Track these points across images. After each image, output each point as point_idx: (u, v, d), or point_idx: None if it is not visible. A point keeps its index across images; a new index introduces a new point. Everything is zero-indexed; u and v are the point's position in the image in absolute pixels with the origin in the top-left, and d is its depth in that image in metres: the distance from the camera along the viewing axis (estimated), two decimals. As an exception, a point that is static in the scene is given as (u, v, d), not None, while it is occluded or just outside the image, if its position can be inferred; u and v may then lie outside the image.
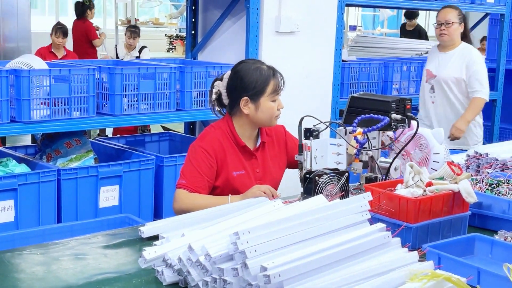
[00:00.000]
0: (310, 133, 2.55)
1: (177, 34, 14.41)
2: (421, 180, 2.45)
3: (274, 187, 3.01)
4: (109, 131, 8.24)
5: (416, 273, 1.72)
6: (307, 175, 2.49)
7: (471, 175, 2.85)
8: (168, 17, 13.28)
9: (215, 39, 5.20)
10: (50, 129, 4.07)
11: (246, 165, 2.94)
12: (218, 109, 3.02)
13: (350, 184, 2.65)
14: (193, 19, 5.32)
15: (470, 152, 3.20)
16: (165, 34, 14.72)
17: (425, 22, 19.91)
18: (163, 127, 6.62)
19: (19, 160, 4.22)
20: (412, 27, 10.51)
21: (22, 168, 4.06)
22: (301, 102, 4.84)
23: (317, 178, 2.46)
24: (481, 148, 3.19)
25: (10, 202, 3.82)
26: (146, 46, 8.54)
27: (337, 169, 2.56)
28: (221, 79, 2.97)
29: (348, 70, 5.62)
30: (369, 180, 2.71)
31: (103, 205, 4.23)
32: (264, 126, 2.98)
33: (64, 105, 4.04)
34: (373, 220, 2.06)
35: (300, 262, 1.69)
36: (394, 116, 2.76)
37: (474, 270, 1.94)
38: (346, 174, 2.55)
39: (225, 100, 2.96)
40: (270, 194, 2.65)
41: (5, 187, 3.79)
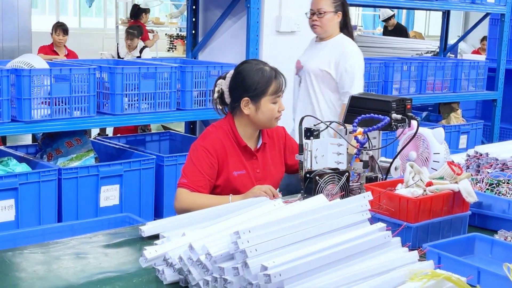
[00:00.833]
0: (311, 133, 2.56)
1: (178, 34, 14.40)
2: (421, 180, 2.46)
3: (274, 188, 3.01)
4: (110, 131, 8.24)
5: (416, 273, 1.73)
6: (308, 175, 2.49)
7: (471, 175, 2.85)
8: (169, 17, 13.27)
9: (216, 39, 5.21)
10: (51, 129, 4.08)
11: (247, 165, 2.94)
12: (220, 108, 3.02)
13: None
14: (194, 19, 5.33)
15: (471, 152, 3.20)
16: (166, 34, 14.72)
17: (425, 21, 19.93)
18: (164, 127, 6.62)
19: (20, 160, 4.23)
20: (393, 27, 10.62)
21: (23, 168, 4.06)
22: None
23: (318, 178, 2.46)
24: (481, 148, 3.19)
25: (11, 202, 3.83)
26: (147, 46, 8.55)
27: (338, 169, 2.57)
28: (224, 78, 2.98)
29: (349, 70, 5.61)
30: (370, 180, 2.71)
31: (104, 205, 4.24)
32: (264, 128, 2.98)
33: (65, 105, 4.04)
34: (373, 220, 2.07)
35: (301, 262, 1.70)
36: (395, 116, 2.76)
37: (474, 270, 1.94)
38: (347, 174, 2.55)
39: (227, 99, 2.96)
40: (271, 194, 2.66)
41: (6, 187, 3.79)
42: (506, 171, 2.93)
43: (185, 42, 5.70)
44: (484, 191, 2.73)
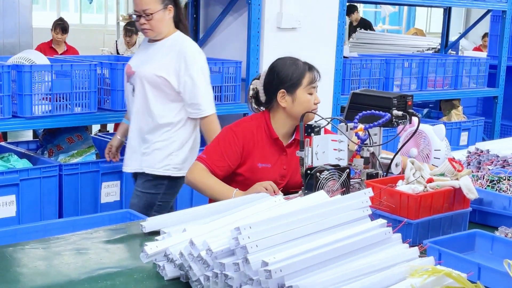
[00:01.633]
0: (312, 129, 2.56)
1: (179, 30, 14.37)
2: (422, 176, 2.46)
3: (296, 187, 3.02)
4: (111, 127, 8.24)
5: (417, 269, 1.73)
6: (308, 171, 2.49)
7: (472, 172, 2.85)
8: (170, 13, 13.25)
9: (217, 35, 5.20)
10: (52, 125, 4.08)
11: (274, 160, 2.97)
12: (255, 107, 3.08)
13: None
14: (195, 15, 5.32)
15: (471, 149, 3.20)
16: (167, 30, 14.69)
17: (427, 18, 19.91)
18: (165, 123, 6.60)
19: (21, 155, 4.23)
20: (357, 21, 10.60)
21: (24, 163, 4.06)
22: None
23: (318, 174, 2.46)
24: (482, 145, 3.19)
25: (12, 197, 3.83)
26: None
27: (338, 165, 2.57)
28: (258, 78, 3.05)
29: (350, 67, 5.63)
30: (370, 176, 2.71)
31: (105, 201, 4.24)
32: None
33: (66, 101, 4.04)
34: (374, 216, 2.07)
35: (301, 258, 1.70)
36: (395, 113, 2.76)
37: (475, 266, 1.94)
38: (347, 170, 2.55)
39: (262, 98, 3.01)
40: (272, 190, 2.66)
41: (7, 182, 3.80)
42: (507, 168, 2.93)
43: (186, 39, 5.69)
44: (485, 188, 2.73)
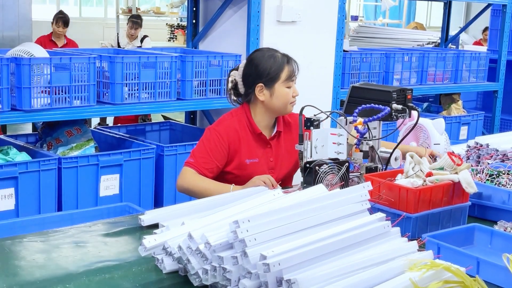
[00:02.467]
0: (311, 123, 2.55)
1: (178, 24, 14.36)
2: (421, 170, 2.45)
3: (287, 177, 3.02)
4: (110, 120, 8.24)
5: (415, 263, 1.73)
6: (307, 165, 2.49)
7: (471, 166, 2.85)
8: (169, 6, 13.22)
9: (216, 28, 5.19)
10: (51, 118, 4.07)
11: (261, 154, 2.97)
12: (235, 99, 3.06)
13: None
14: (194, 8, 5.31)
15: (471, 143, 3.20)
16: (166, 24, 14.68)
17: (427, 12, 19.87)
18: (164, 117, 6.61)
19: (20, 149, 4.22)
20: None
21: (23, 157, 4.06)
22: (302, 92, 4.79)
23: (317, 168, 2.46)
24: (482, 139, 3.18)
25: (11, 190, 3.83)
26: (148, 36, 8.52)
27: (337, 159, 2.56)
28: (237, 69, 3.02)
29: (349, 60, 5.62)
30: (369, 170, 2.71)
31: (104, 194, 4.24)
32: (280, 114, 3.00)
33: (65, 94, 4.04)
34: (373, 210, 2.06)
35: (300, 251, 1.70)
36: (395, 106, 2.76)
37: (474, 260, 1.94)
38: (346, 164, 2.55)
39: (241, 89, 3.00)
40: (270, 184, 2.66)
41: (6, 175, 3.79)
42: (506, 162, 2.93)
43: (186, 32, 5.68)
44: (484, 182, 2.73)
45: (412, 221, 2.26)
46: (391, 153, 2.77)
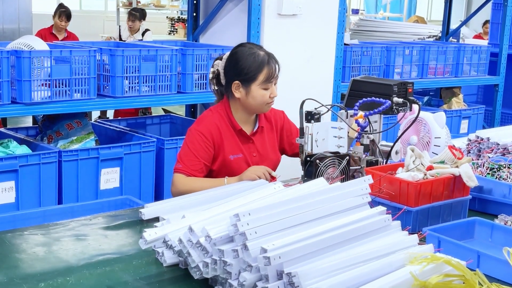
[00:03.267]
0: (312, 116, 2.55)
1: (179, 17, 14.34)
2: (422, 164, 2.45)
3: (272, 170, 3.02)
4: (110, 113, 8.23)
5: (416, 256, 1.73)
6: (308, 158, 2.48)
7: (472, 159, 2.85)
8: (170, -1, 13.23)
9: (217, 22, 5.17)
10: (51, 111, 4.07)
11: (243, 149, 2.94)
12: (216, 88, 3.01)
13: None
14: (195, 1, 5.29)
15: (472, 137, 3.19)
16: (167, 17, 14.66)
17: (428, 6, 19.83)
18: (164, 110, 6.61)
19: (20, 142, 4.22)
20: None
21: (23, 150, 4.06)
22: (303, 85, 4.82)
23: (318, 161, 2.46)
24: (483, 133, 3.18)
25: (11, 183, 3.83)
26: (149, 29, 8.50)
27: (338, 153, 2.56)
28: (221, 59, 2.98)
29: (350, 54, 5.61)
30: (370, 164, 2.71)
31: (104, 187, 4.24)
32: (256, 112, 2.97)
33: (65, 87, 4.03)
34: (374, 203, 2.06)
35: (300, 244, 1.70)
36: (396, 100, 2.75)
37: (474, 254, 1.94)
38: (347, 158, 2.54)
39: (222, 80, 2.96)
40: (268, 176, 2.65)
41: (6, 168, 3.79)
42: (507, 156, 2.93)
43: (186, 25, 5.66)
44: (485, 176, 2.73)
45: (413, 215, 2.26)
46: (392, 147, 2.77)
